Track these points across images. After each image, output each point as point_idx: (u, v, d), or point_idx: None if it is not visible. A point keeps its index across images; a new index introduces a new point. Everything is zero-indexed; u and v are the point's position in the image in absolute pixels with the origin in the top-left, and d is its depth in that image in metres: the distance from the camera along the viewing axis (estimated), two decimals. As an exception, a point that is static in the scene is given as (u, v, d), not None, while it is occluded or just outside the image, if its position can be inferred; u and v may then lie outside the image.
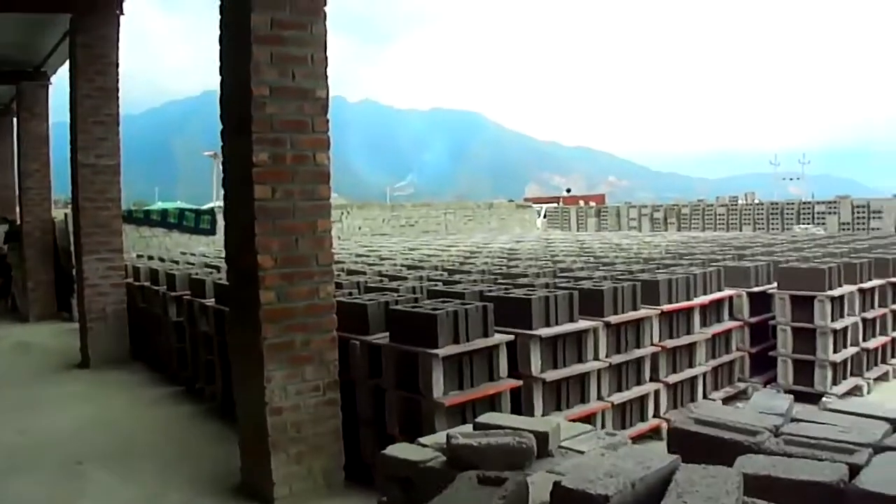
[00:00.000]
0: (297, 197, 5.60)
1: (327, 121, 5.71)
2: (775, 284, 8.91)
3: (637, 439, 7.00)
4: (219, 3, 5.84)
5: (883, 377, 9.20)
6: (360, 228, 26.77)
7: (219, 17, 5.83)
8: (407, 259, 12.88)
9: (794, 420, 3.20)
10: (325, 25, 5.66)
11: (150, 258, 15.80)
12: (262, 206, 5.48)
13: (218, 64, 5.86)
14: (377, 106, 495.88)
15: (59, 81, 14.80)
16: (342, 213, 26.72)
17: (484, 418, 3.33)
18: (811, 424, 3.09)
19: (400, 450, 3.24)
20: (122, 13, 11.08)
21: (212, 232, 21.34)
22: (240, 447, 6.06)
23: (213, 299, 8.93)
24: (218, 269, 10.88)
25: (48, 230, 16.33)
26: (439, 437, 3.23)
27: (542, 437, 2.95)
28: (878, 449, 2.80)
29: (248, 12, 5.37)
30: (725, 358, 8.51)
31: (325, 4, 5.65)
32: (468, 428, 3.34)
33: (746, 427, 2.93)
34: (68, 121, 11.17)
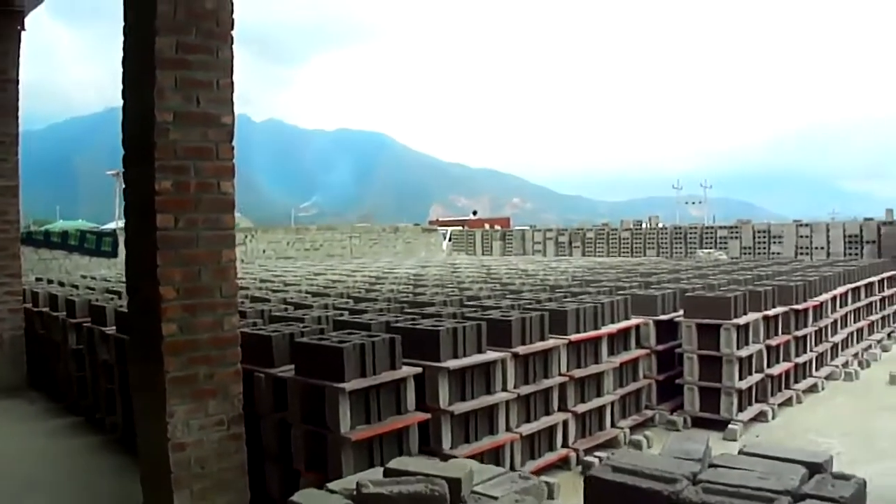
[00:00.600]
0: (200, 226, 5.44)
1: (232, 147, 5.57)
2: (682, 312, 9.08)
3: (546, 469, 7.04)
4: (123, 24, 5.67)
5: (787, 402, 9.46)
6: (264, 252, 26.46)
7: (122, 38, 5.67)
8: (312, 285, 12.75)
9: (711, 465, 3.22)
10: (231, 50, 5.55)
11: (50, 282, 15.29)
12: (164, 235, 5.30)
13: (121, 87, 5.70)
14: (282, 125, 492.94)
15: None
16: (246, 237, 26.40)
17: (395, 463, 3.26)
18: (729, 470, 3.11)
19: (308, 497, 3.14)
20: (23, 29, 10.73)
21: (113, 254, 20.80)
22: (142, 483, 5.84)
23: (113, 327, 8.62)
24: (119, 294, 10.56)
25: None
26: (348, 483, 3.15)
27: (454, 484, 2.90)
28: (797, 497, 2.83)
29: (153, 35, 5.21)
30: (633, 386, 8.61)
31: (232, 28, 5.53)
32: (378, 473, 3.27)
33: (664, 475, 2.92)
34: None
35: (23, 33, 10.71)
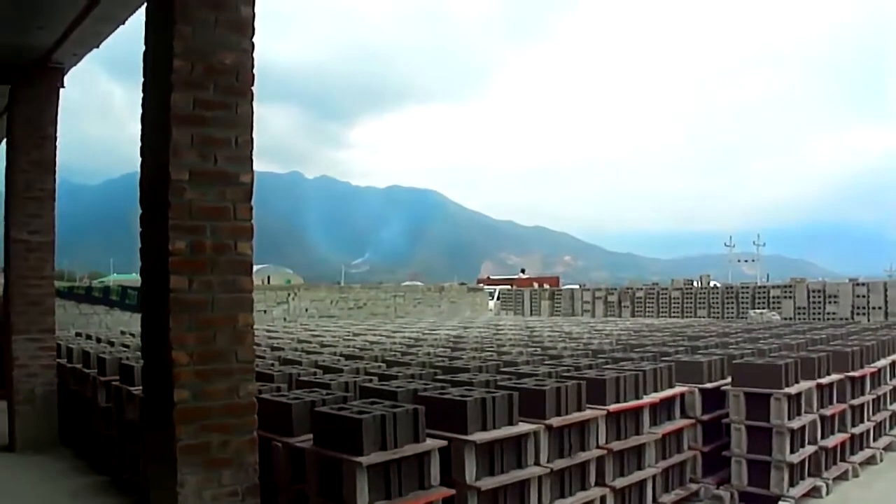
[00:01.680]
0: (216, 289, 5.23)
1: (251, 208, 5.38)
2: (729, 380, 8.68)
3: (581, 549, 6.67)
4: (142, 81, 5.56)
5: (842, 476, 8.95)
6: (307, 310, 26.43)
7: (141, 95, 5.56)
8: (348, 347, 12.56)
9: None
10: (251, 106, 5.39)
11: (88, 337, 15.32)
12: (177, 297, 5.11)
13: (139, 146, 5.57)
14: (334, 182, 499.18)
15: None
16: (289, 295, 26.40)
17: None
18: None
19: None
20: (62, 86, 10.83)
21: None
22: (153, 553, 5.60)
23: (141, 387, 8.46)
24: (150, 354, 10.44)
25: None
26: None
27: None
28: None
29: (168, 91, 5.07)
30: (676, 458, 8.19)
31: (252, 84, 5.38)
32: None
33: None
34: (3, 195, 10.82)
35: (61, 91, 10.78)
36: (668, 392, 8.26)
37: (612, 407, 7.25)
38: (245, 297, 5.39)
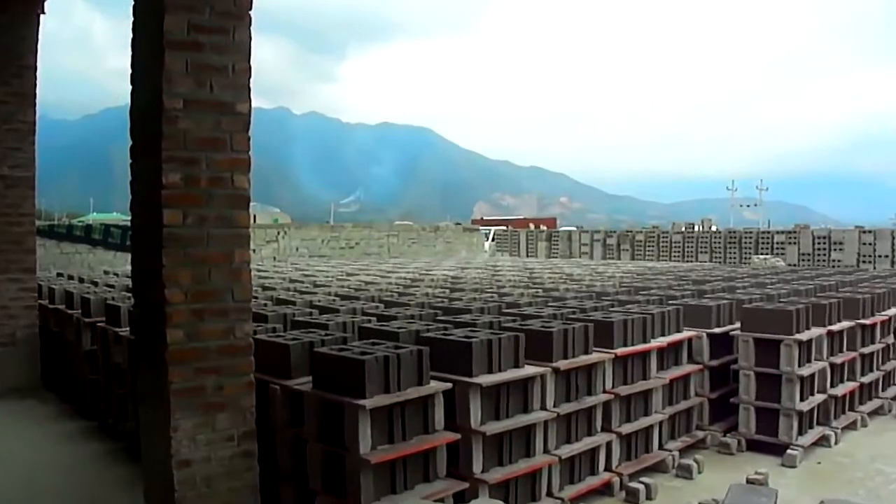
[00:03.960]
0: (211, 223, 5.13)
1: (248, 138, 5.26)
2: (738, 325, 8.64)
3: (586, 496, 6.67)
4: (132, 3, 5.39)
5: (851, 426, 8.97)
6: (297, 249, 26.32)
7: (132, 18, 5.39)
8: (343, 287, 12.48)
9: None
10: (249, 31, 5.24)
11: (70, 278, 15.15)
12: (171, 232, 5.00)
13: (129, 72, 5.42)
14: (324, 119, 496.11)
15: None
16: (279, 233, 26.28)
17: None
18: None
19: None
20: (43, 13, 10.55)
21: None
22: (145, 501, 5.56)
23: (128, 328, 8.36)
24: (137, 293, 10.33)
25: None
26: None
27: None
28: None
29: (161, 14, 4.91)
30: (683, 405, 8.20)
31: (250, 7, 5.22)
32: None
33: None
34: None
35: (42, 17, 10.52)
36: (676, 336, 8.23)
37: (620, 350, 7.22)
38: (242, 232, 5.31)
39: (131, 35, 5.41)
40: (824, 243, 27.72)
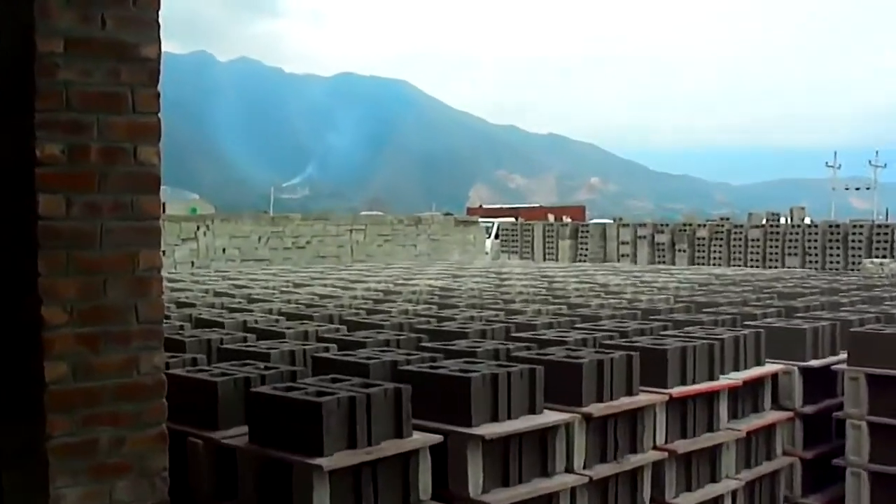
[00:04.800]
0: (106, 214, 5.14)
1: (157, 95, 5.29)
2: (844, 357, 8.69)
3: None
4: None
5: None
6: (224, 251, 26.34)
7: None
8: (289, 303, 12.56)
9: None
10: (157, -53, 5.27)
11: None
12: (49, 227, 5.01)
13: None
14: (260, 69, 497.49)
15: None
16: (199, 228, 26.28)
17: None
18: None
19: None
20: None
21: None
22: None
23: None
24: None
25: None
26: None
27: None
28: None
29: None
30: (766, 467, 8.30)
31: (157, -86, 5.26)
32: None
33: None
34: None
35: None
36: (756, 371, 8.31)
37: (676, 391, 7.29)
38: (150, 226, 5.31)
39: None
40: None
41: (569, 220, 44.60)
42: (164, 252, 6.31)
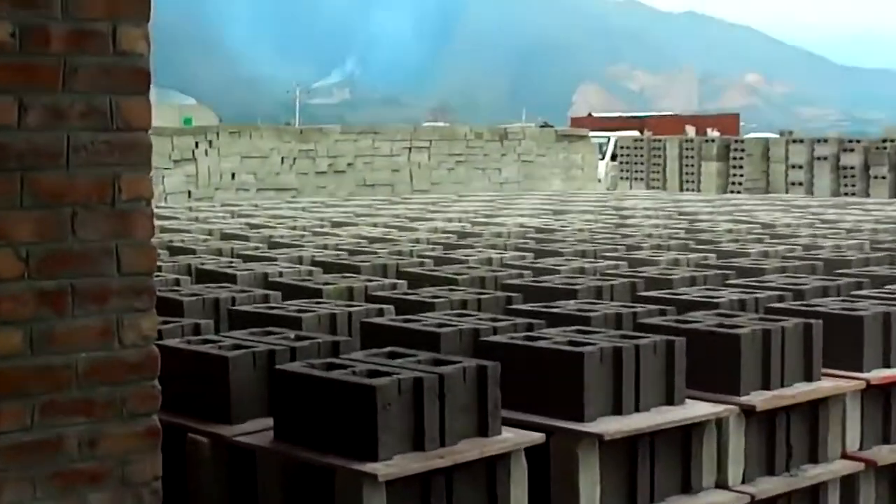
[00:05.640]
0: (75, 123, 5.18)
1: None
2: None
3: None
4: None
5: None
6: (233, 177, 26.40)
7: None
8: (326, 249, 12.57)
9: None
10: None
11: None
12: (-6, 140, 5.06)
13: None
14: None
15: None
16: (198, 146, 26.37)
17: None
18: None
19: None
20: None
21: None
22: None
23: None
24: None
25: None
26: None
27: None
28: None
29: None
30: None
31: None
32: None
33: None
34: None
35: None
36: None
37: (876, 375, 7.27)
38: (135, 140, 5.31)
39: None
40: None
41: (716, 133, 44.33)
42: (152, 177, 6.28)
